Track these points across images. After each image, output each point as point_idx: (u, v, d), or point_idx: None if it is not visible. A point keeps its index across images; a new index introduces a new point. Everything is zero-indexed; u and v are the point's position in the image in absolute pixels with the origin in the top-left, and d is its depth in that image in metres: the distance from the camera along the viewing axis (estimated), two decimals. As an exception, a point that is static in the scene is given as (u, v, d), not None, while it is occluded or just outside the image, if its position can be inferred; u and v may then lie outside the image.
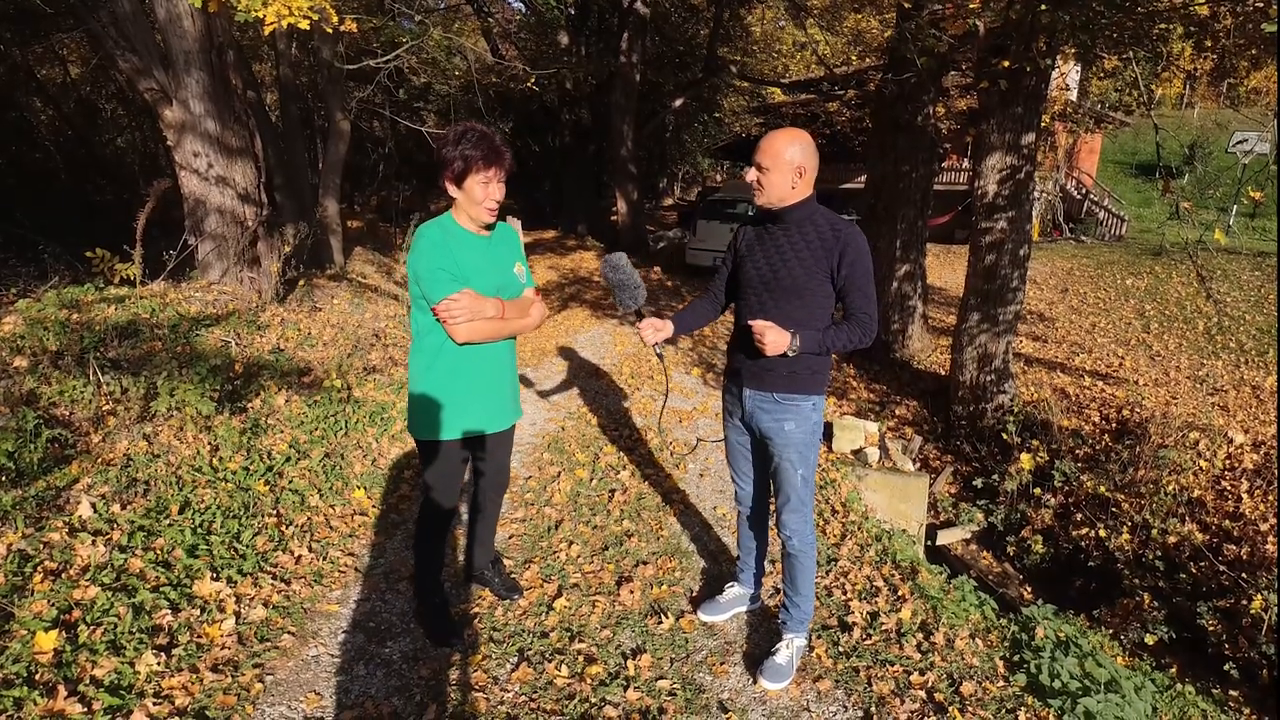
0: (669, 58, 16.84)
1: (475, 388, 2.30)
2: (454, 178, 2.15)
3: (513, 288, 2.34)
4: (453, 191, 2.18)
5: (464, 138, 2.14)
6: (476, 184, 2.15)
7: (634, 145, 14.74)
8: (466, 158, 2.12)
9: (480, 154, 2.13)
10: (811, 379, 2.27)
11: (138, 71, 6.06)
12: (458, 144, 2.13)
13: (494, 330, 2.23)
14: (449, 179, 2.16)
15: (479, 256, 2.24)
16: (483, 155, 2.13)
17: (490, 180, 2.17)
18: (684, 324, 2.46)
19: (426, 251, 2.14)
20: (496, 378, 2.36)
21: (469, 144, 2.12)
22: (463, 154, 2.12)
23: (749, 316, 2.26)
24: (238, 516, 3.26)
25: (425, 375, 2.27)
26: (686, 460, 4.31)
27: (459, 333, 2.14)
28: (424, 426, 2.28)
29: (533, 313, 2.39)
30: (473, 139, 2.14)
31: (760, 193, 2.19)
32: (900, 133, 7.13)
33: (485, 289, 2.22)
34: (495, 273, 2.29)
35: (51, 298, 5.33)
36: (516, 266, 2.39)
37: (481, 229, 2.28)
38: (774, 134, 2.15)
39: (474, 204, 2.18)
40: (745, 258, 2.31)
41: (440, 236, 2.18)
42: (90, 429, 3.78)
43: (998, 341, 5.63)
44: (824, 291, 2.18)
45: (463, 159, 2.12)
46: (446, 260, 2.14)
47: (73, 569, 2.76)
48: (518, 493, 3.78)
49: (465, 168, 2.13)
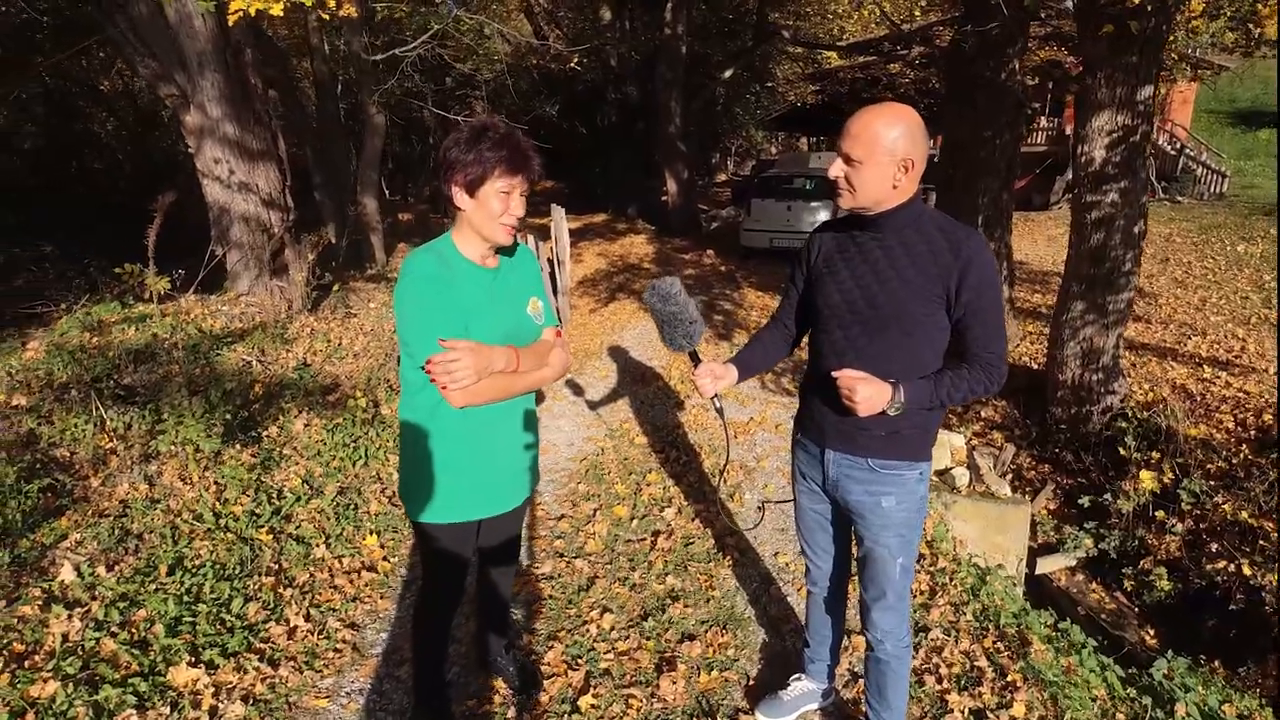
0: (716, 27, 15.94)
1: (481, 459, 1.80)
2: (465, 185, 1.63)
3: (527, 331, 1.82)
4: (461, 202, 1.66)
5: (482, 136, 1.63)
6: (494, 194, 1.64)
7: (683, 121, 14.01)
8: (485, 160, 1.61)
9: (502, 156, 1.62)
10: (919, 441, 1.70)
11: (158, 77, 5.81)
12: (473, 144, 1.62)
13: (502, 389, 1.71)
14: (458, 186, 1.64)
15: (484, 294, 1.73)
16: (506, 159, 1.62)
17: (512, 190, 1.65)
18: (748, 366, 1.90)
19: (416, 290, 1.63)
20: (509, 445, 1.86)
21: (488, 144, 1.61)
22: (480, 156, 1.61)
23: (831, 355, 1.70)
24: (232, 577, 2.90)
25: (419, 443, 1.78)
26: (742, 488, 3.76)
27: (455, 397, 1.64)
28: (417, 505, 1.80)
29: (553, 361, 1.86)
30: (493, 138, 1.62)
31: (848, 193, 1.61)
32: (980, 92, 6.27)
33: (491, 335, 1.70)
34: (505, 314, 1.77)
35: (75, 319, 5.15)
36: (532, 303, 1.86)
37: (489, 256, 1.77)
38: (868, 113, 1.55)
39: (489, 220, 1.66)
40: (825, 276, 1.73)
41: (434, 269, 1.65)
42: (90, 471, 3.50)
43: (1106, 335, 4.83)
44: (936, 323, 1.60)
45: (480, 162, 1.61)
46: (442, 301, 1.63)
47: (40, 652, 2.44)
48: (546, 538, 3.32)
49: (483, 173, 1.61)
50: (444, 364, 1.59)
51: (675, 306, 1.74)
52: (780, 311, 1.93)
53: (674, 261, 11.41)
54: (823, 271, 1.73)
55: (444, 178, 1.65)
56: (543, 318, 1.89)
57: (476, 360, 1.61)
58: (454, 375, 1.59)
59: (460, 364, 1.59)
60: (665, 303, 1.74)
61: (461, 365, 1.59)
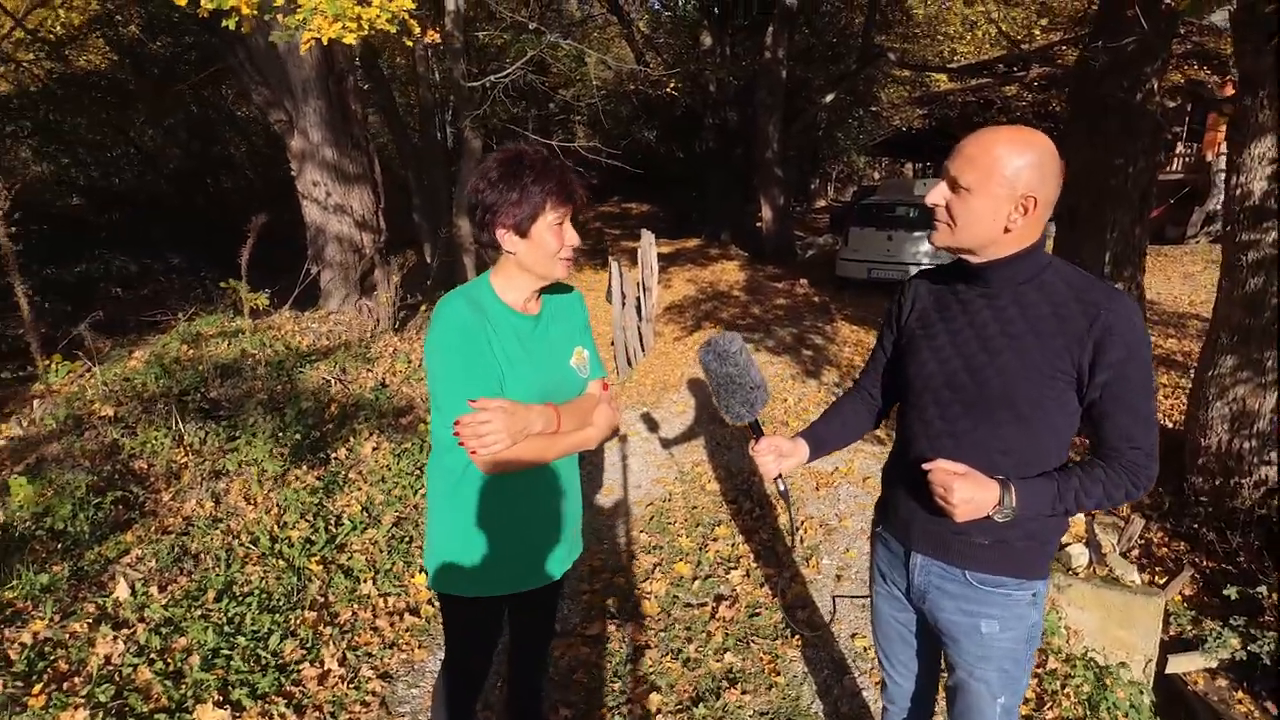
0: (819, 50, 15.55)
1: (516, 529, 1.57)
2: (515, 226, 1.43)
3: (570, 386, 1.61)
4: (511, 245, 1.46)
5: (520, 169, 1.43)
6: (548, 229, 1.45)
7: (781, 146, 13.68)
8: (531, 196, 1.42)
9: (550, 188, 1.43)
10: (1034, 555, 1.35)
11: (269, 103, 6.10)
12: (513, 179, 1.42)
13: (538, 453, 1.48)
14: (505, 229, 1.45)
15: (522, 344, 1.52)
16: (554, 190, 1.43)
17: (564, 220, 1.48)
18: (823, 442, 1.58)
19: (447, 342, 1.44)
20: (547, 513, 1.62)
21: (530, 176, 1.42)
22: (525, 191, 1.42)
23: (923, 440, 1.38)
24: (276, 608, 2.82)
25: (446, 507, 1.58)
26: (820, 552, 3.39)
27: (486, 463, 1.44)
28: (441, 575, 1.59)
29: (598, 420, 1.61)
30: (534, 169, 1.43)
31: (945, 227, 1.30)
32: (1111, 114, 5.65)
33: (529, 392, 1.49)
34: (546, 367, 1.56)
35: (177, 332, 5.41)
36: (577, 354, 1.64)
37: (531, 301, 1.57)
38: (990, 133, 1.25)
39: (546, 258, 1.47)
40: (919, 338, 1.41)
41: (468, 317, 1.45)
42: (162, 485, 3.57)
43: (1262, 396, 4.13)
44: (1061, 407, 1.27)
45: (526, 199, 1.42)
46: (475, 354, 1.44)
47: (82, 674, 2.42)
48: (599, 592, 3.08)
49: (533, 210, 1.42)
50: (473, 425, 1.38)
51: (734, 367, 1.45)
52: (865, 377, 1.61)
53: (765, 289, 11.04)
54: (917, 333, 1.41)
55: (484, 222, 1.46)
56: (588, 370, 1.67)
57: (510, 422, 1.40)
58: (484, 439, 1.38)
59: (491, 426, 1.38)
60: (722, 362, 1.46)
61: (493, 428, 1.38)
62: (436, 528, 1.60)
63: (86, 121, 12.72)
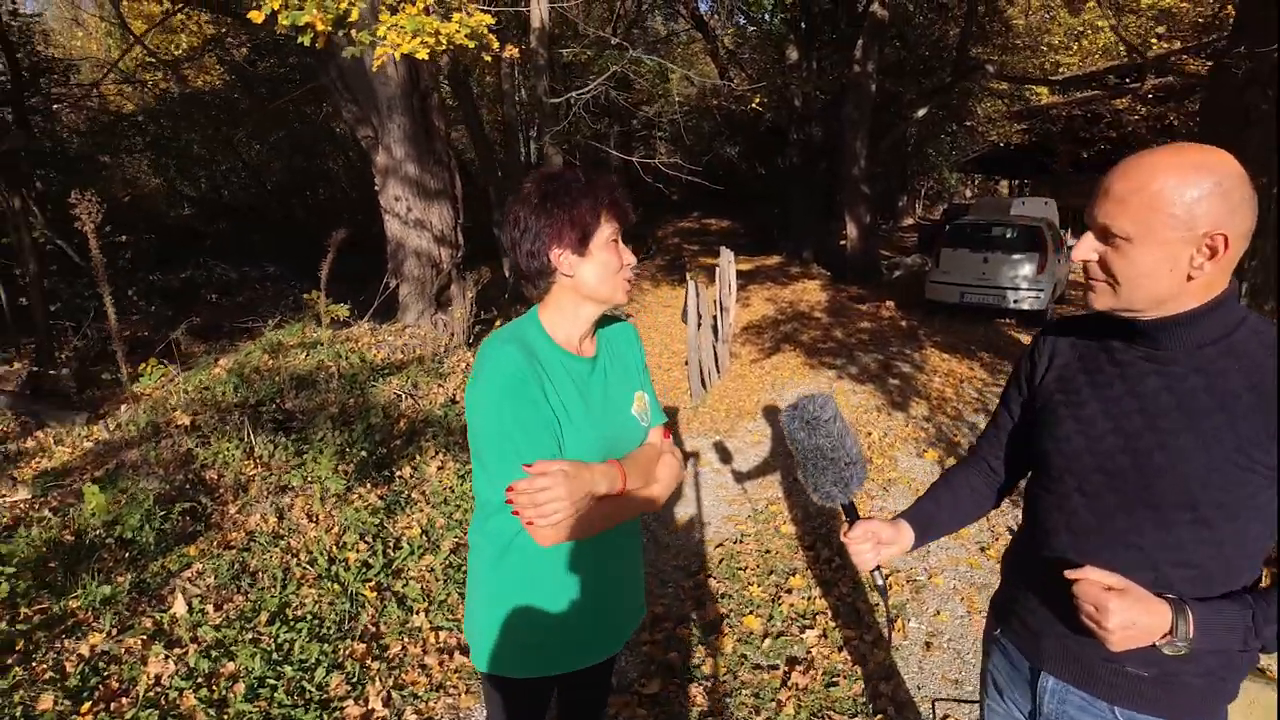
0: (911, 63, 14.96)
1: (569, 603, 1.35)
2: (574, 245, 1.25)
3: (632, 437, 1.40)
4: (569, 267, 1.27)
5: (566, 184, 1.26)
6: (605, 245, 1.28)
7: (868, 162, 13.18)
8: (581, 211, 1.24)
9: (604, 198, 1.27)
10: (1209, 693, 1.05)
11: (358, 120, 6.23)
12: (563, 194, 1.25)
13: (603, 519, 1.28)
14: (562, 249, 1.26)
15: (579, 393, 1.31)
16: (606, 203, 1.27)
17: (618, 235, 1.30)
18: (931, 524, 1.28)
19: (496, 397, 1.23)
20: (605, 584, 1.39)
21: (580, 189, 1.25)
22: (576, 208, 1.24)
23: (1063, 534, 1.10)
24: (326, 637, 2.73)
25: (492, 577, 1.37)
26: (906, 612, 3.05)
27: (544, 535, 1.23)
28: (484, 652, 1.38)
29: (661, 474, 1.40)
30: (577, 186, 1.26)
31: (1105, 289, 1.01)
32: (1253, 129, 5.05)
33: (590, 448, 1.29)
34: (607, 417, 1.35)
35: (260, 341, 5.55)
36: (638, 399, 1.43)
37: (587, 338, 1.37)
38: (1145, 161, 0.95)
39: (609, 276, 1.29)
40: (1060, 406, 1.12)
41: (520, 366, 1.23)
42: (230, 497, 3.57)
43: None
44: (1257, 508, 0.97)
45: (578, 216, 1.24)
46: (531, 408, 1.23)
47: (132, 694, 2.37)
48: (660, 644, 2.84)
49: (586, 227, 1.25)
50: (530, 494, 1.18)
51: (826, 438, 1.16)
52: (984, 444, 1.31)
53: (848, 311, 10.57)
54: (1056, 398, 1.13)
55: (534, 250, 1.27)
56: (649, 417, 1.45)
57: (573, 488, 1.19)
58: (543, 509, 1.17)
59: (552, 494, 1.17)
60: (812, 432, 1.17)
61: (553, 495, 1.17)
62: (480, 599, 1.41)
63: (199, 137, 13.60)
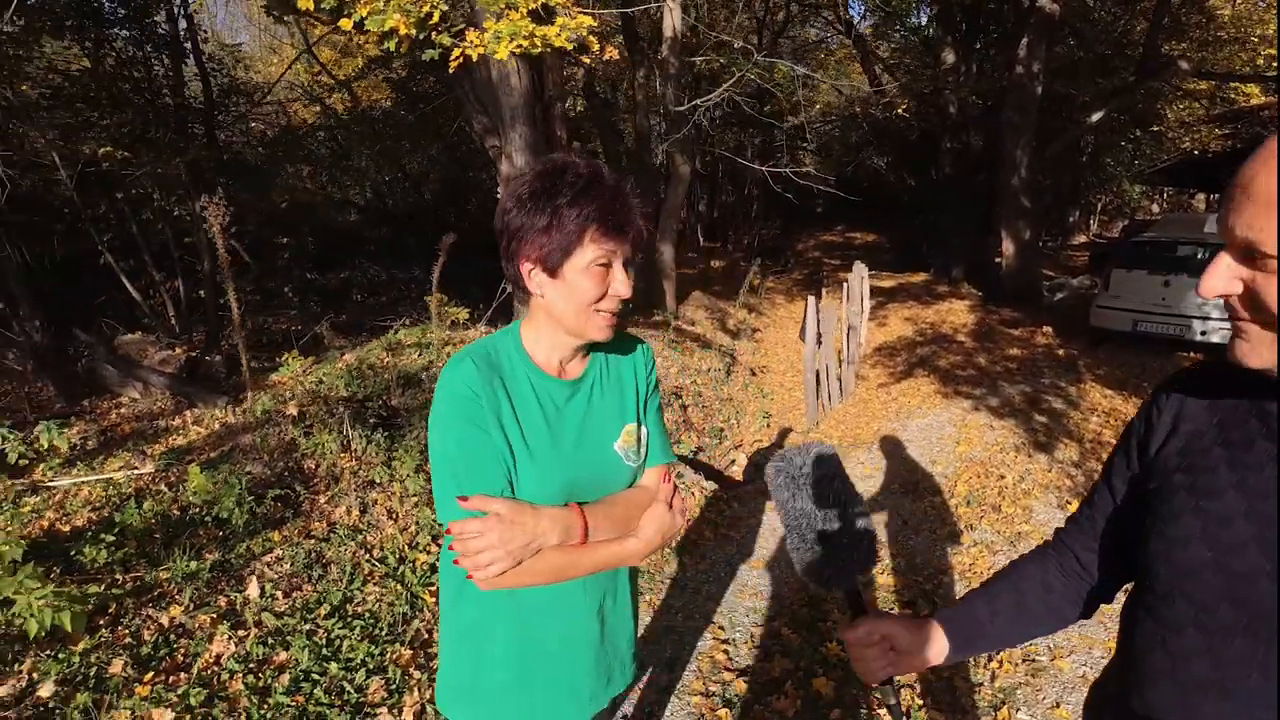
0: (1086, 62, 13.43)
1: (533, 653, 1.17)
2: (542, 260, 1.04)
3: (611, 476, 1.17)
4: (537, 285, 1.07)
5: (557, 184, 1.03)
6: (585, 269, 1.04)
7: (1030, 172, 11.94)
8: (564, 220, 1.02)
9: (591, 212, 1.02)
10: None
11: (486, 131, 6.46)
12: (546, 197, 1.03)
13: (554, 571, 1.07)
14: (530, 263, 1.06)
15: (544, 419, 1.12)
16: (597, 214, 1.02)
17: (612, 260, 1.06)
18: (981, 633, 0.95)
19: (446, 409, 1.07)
20: (578, 636, 1.20)
21: (567, 195, 1.02)
22: (557, 215, 1.02)
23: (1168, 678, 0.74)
24: (378, 639, 2.72)
25: (452, 616, 1.20)
26: (1015, 700, 2.57)
27: (480, 583, 1.05)
28: (448, 698, 1.24)
29: (644, 527, 1.15)
30: (574, 185, 1.03)
31: (1255, 333, 0.66)
32: None
33: (545, 486, 1.09)
34: (576, 450, 1.14)
35: (382, 339, 5.85)
36: (626, 432, 1.19)
37: (572, 360, 1.17)
38: None
39: (579, 310, 1.06)
40: (1180, 490, 0.76)
41: (474, 382, 1.06)
42: (322, 488, 3.72)
43: None
44: None
45: (558, 224, 1.02)
46: (475, 433, 1.05)
47: (191, 670, 2.47)
48: (716, 696, 2.57)
49: (566, 240, 1.02)
50: (462, 536, 1.01)
51: (816, 502, 0.87)
52: (1073, 529, 0.96)
53: (997, 336, 9.57)
54: (1175, 478, 0.77)
55: (509, 252, 1.08)
56: (641, 455, 1.21)
57: (508, 536, 1.00)
58: (475, 559, 1.01)
59: (484, 541, 1.00)
60: (796, 491, 0.89)
61: (485, 543, 1.00)
62: (443, 638, 1.26)
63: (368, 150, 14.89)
